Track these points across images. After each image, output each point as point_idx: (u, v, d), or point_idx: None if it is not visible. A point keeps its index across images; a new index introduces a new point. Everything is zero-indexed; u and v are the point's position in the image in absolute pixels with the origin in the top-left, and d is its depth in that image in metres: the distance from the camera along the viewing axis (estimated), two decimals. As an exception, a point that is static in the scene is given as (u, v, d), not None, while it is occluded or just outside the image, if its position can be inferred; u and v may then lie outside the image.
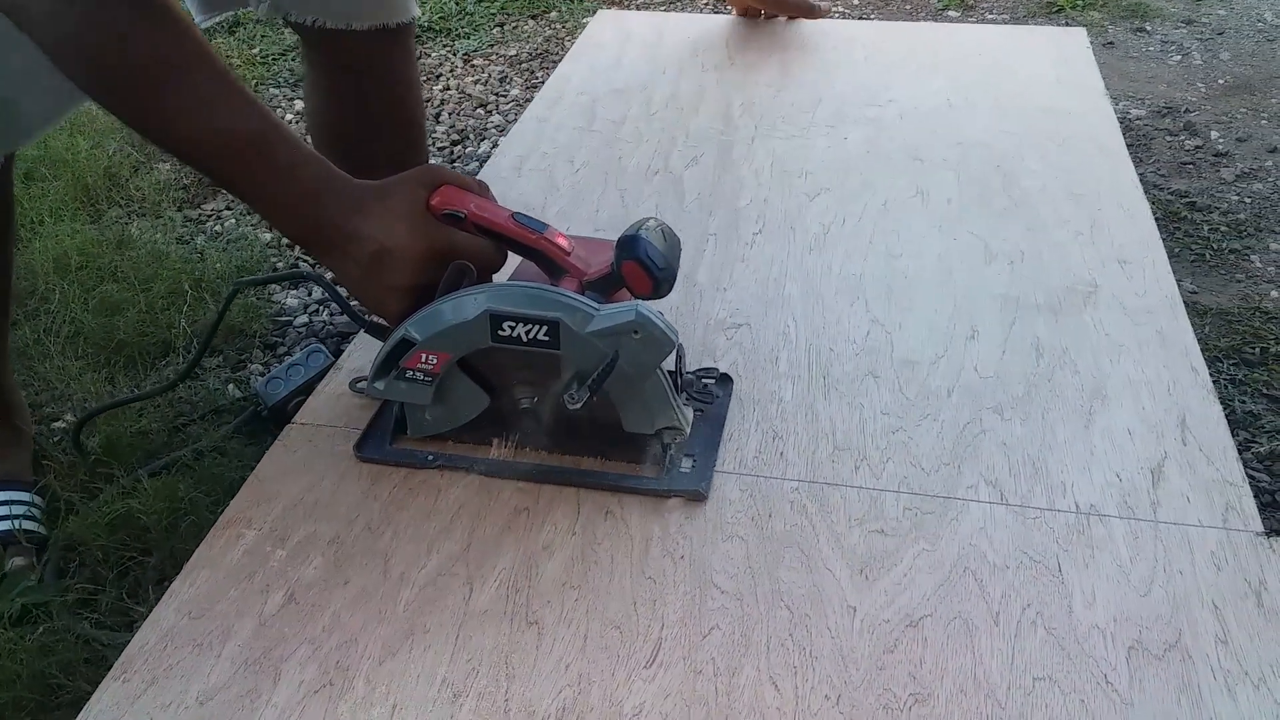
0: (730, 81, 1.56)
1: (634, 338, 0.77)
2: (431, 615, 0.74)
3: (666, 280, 0.80)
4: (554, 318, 0.78)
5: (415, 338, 0.81)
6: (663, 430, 0.84)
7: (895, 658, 0.71)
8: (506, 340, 0.79)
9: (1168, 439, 0.89)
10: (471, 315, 0.79)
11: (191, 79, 0.79)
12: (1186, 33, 2.61)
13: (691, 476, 0.85)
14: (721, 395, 0.93)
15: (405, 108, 1.40)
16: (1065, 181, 1.27)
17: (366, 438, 0.89)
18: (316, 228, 0.83)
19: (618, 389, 0.81)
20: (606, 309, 0.78)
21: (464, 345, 0.81)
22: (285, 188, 0.82)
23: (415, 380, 0.83)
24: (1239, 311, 1.68)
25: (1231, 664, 0.71)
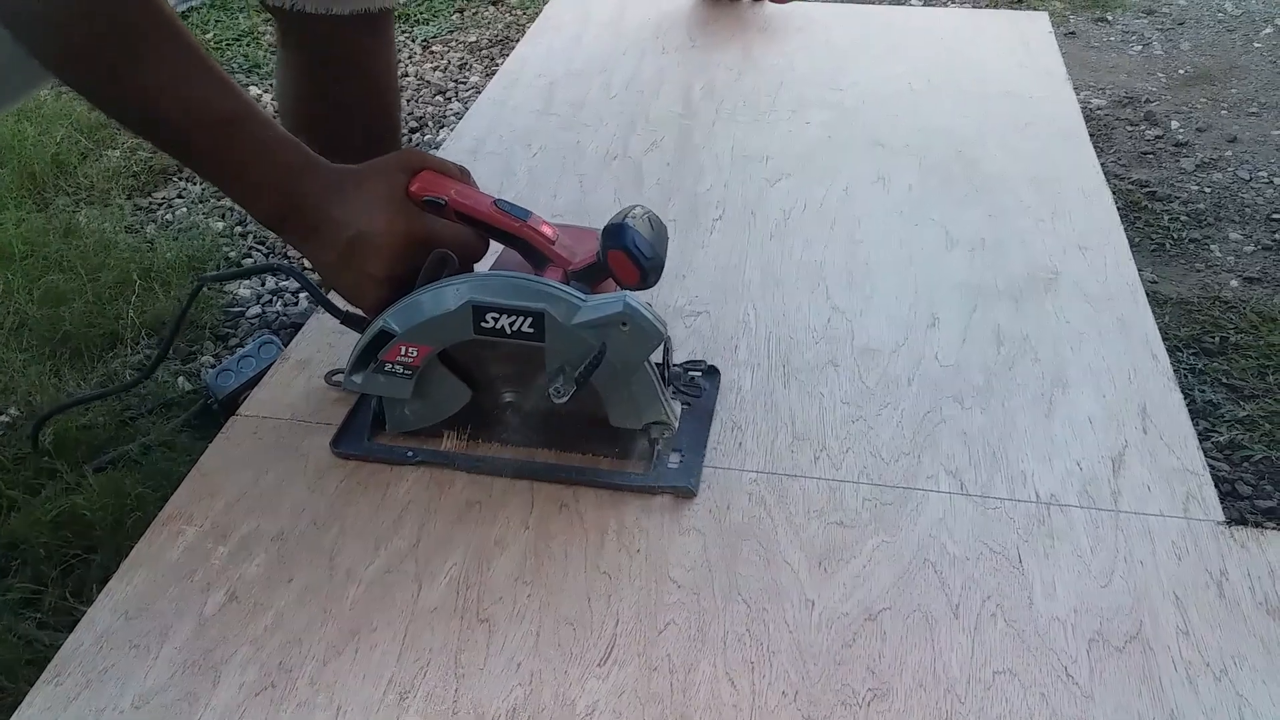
0: (691, 64, 1.54)
1: (622, 330, 0.75)
2: (379, 613, 0.71)
3: (654, 270, 0.77)
4: (539, 309, 0.75)
5: (394, 329, 0.78)
6: (650, 425, 0.82)
7: (854, 652, 0.70)
8: (490, 332, 0.77)
9: (1128, 427, 0.88)
10: (453, 306, 0.76)
11: (163, 54, 0.76)
12: (1147, 23, 2.62)
13: (679, 472, 0.83)
14: (708, 388, 0.91)
15: (381, 96, 1.37)
16: (1026, 167, 1.26)
17: (343, 433, 0.86)
18: (291, 211, 0.80)
19: (604, 383, 0.79)
20: (593, 300, 0.76)
21: (445, 337, 0.78)
22: (259, 169, 0.79)
23: (394, 374, 0.80)
24: (1199, 301, 1.68)
25: (1193, 655, 0.70)
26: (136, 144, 2.00)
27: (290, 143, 0.81)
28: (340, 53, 1.30)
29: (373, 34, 1.32)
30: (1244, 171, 2.01)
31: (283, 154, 0.80)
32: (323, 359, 0.95)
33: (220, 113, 0.77)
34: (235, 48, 2.48)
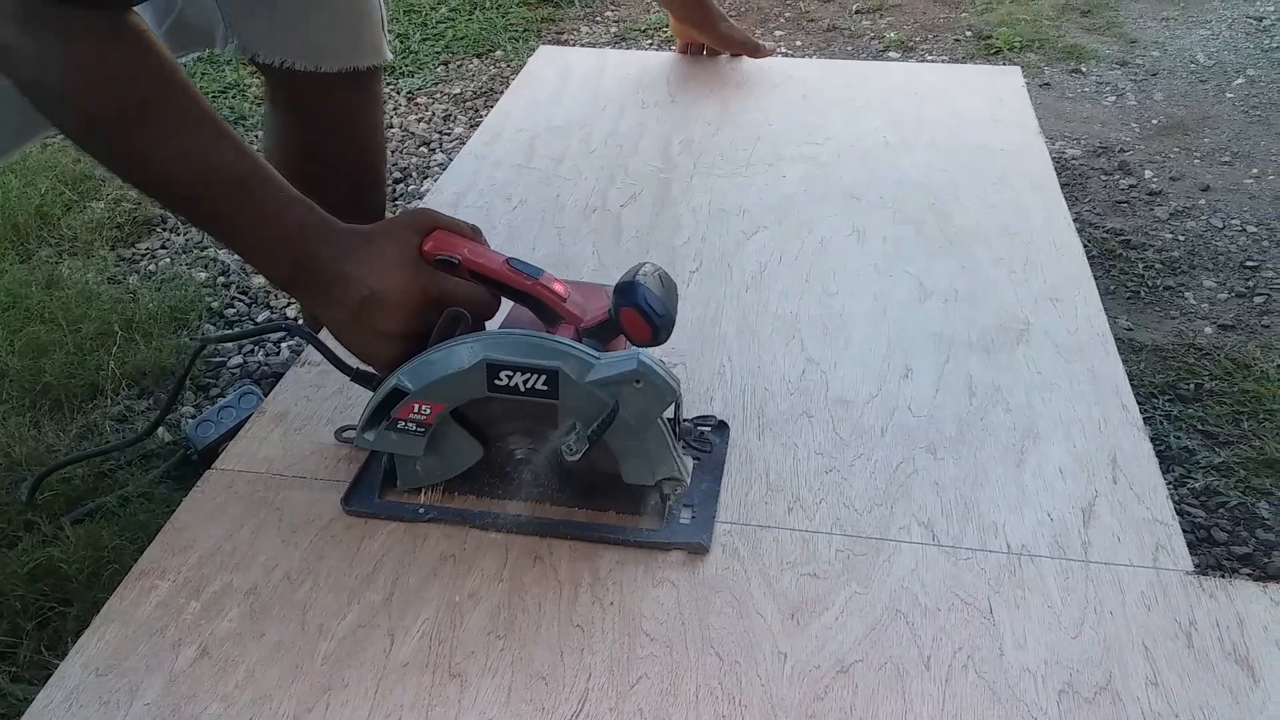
0: (670, 119, 1.56)
1: (635, 387, 0.75)
2: (350, 669, 0.71)
3: (665, 327, 0.78)
4: (553, 367, 0.76)
5: (408, 387, 0.78)
6: (663, 481, 0.82)
7: (825, 705, 0.70)
8: (503, 390, 0.77)
9: (1099, 478, 0.89)
10: (468, 364, 0.76)
11: (177, 121, 0.78)
12: (1121, 74, 2.67)
13: (692, 528, 0.83)
14: (718, 443, 0.91)
15: (367, 153, 1.39)
16: (999, 219, 1.28)
17: (354, 490, 0.86)
18: (304, 271, 0.81)
19: (618, 439, 0.79)
20: (607, 358, 0.76)
21: (459, 395, 0.78)
22: (271, 230, 0.80)
23: (407, 431, 0.80)
24: (1173, 348, 1.70)
25: (1162, 706, 0.70)
26: (120, 195, 2.02)
27: (302, 203, 0.82)
28: (328, 110, 1.31)
29: (360, 91, 1.33)
30: (1217, 219, 2.04)
31: (295, 214, 0.81)
32: (300, 412, 0.95)
33: (233, 175, 0.79)
34: (221, 100, 2.50)
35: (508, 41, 2.83)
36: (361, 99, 1.35)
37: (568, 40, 2.85)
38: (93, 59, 0.74)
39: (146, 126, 0.76)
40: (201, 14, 1.21)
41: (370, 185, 1.40)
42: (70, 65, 0.74)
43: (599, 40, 2.85)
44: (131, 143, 0.77)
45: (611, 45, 2.82)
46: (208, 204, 0.80)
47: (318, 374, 1.00)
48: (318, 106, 1.31)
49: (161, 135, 0.77)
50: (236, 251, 0.85)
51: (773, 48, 1.68)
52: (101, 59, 0.75)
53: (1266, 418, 1.57)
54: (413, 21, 2.93)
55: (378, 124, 1.41)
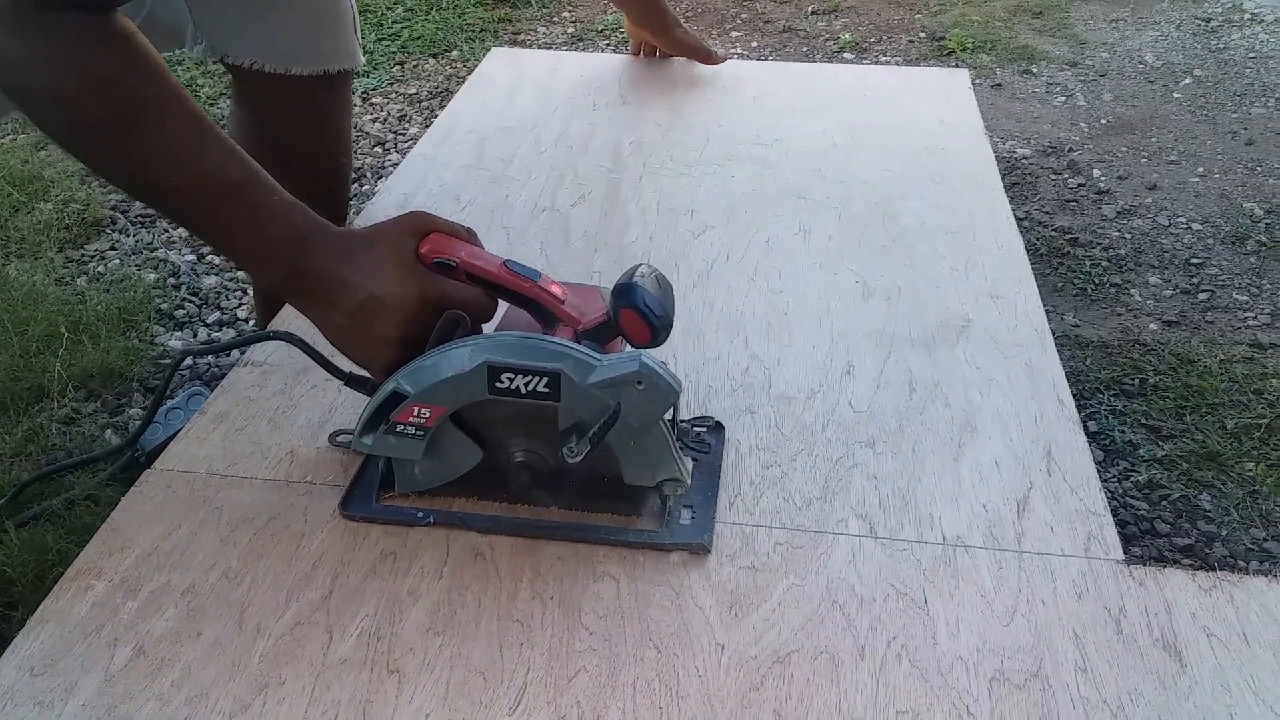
0: (621, 120, 1.57)
1: (637, 388, 0.76)
2: (288, 666, 0.71)
3: (664, 328, 0.78)
4: (555, 369, 0.76)
5: (408, 390, 0.78)
6: (664, 482, 0.82)
7: (761, 695, 0.71)
8: (504, 392, 0.77)
9: (1034, 470, 0.91)
10: (468, 367, 0.76)
11: (169, 125, 0.77)
12: (1071, 74, 2.70)
13: (692, 529, 0.83)
14: (715, 444, 0.92)
15: (333, 157, 1.38)
16: (943, 219, 1.30)
17: (351, 495, 0.85)
18: (299, 276, 0.80)
19: (619, 441, 0.79)
20: (608, 359, 0.76)
21: (459, 398, 0.78)
22: (266, 235, 0.80)
23: (406, 435, 0.80)
24: (1119, 344, 1.73)
25: (1090, 692, 0.72)
26: (69, 196, 2.00)
27: (297, 208, 0.81)
28: (296, 112, 1.31)
29: (330, 95, 1.33)
30: (1163, 218, 2.07)
31: (290, 219, 0.80)
32: (241, 412, 0.95)
33: (227, 179, 0.78)
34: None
35: (464, 42, 2.82)
36: (330, 103, 1.35)
37: (524, 41, 2.85)
38: (84, 61, 0.74)
39: (139, 130, 0.76)
40: (171, 13, 1.20)
41: (334, 190, 1.40)
42: (61, 68, 0.73)
43: (556, 41, 2.85)
44: (124, 147, 0.76)
45: (568, 46, 2.82)
46: (200, 208, 0.79)
47: (260, 374, 1.00)
48: (286, 109, 1.30)
49: (154, 139, 0.76)
50: (230, 257, 0.84)
51: (725, 55, 1.69)
52: (93, 61, 0.74)
53: (1209, 412, 1.60)
54: (368, 21, 2.92)
55: (345, 129, 1.40)
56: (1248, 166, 2.29)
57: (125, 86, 0.75)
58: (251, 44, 1.23)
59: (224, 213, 0.79)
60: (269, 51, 1.24)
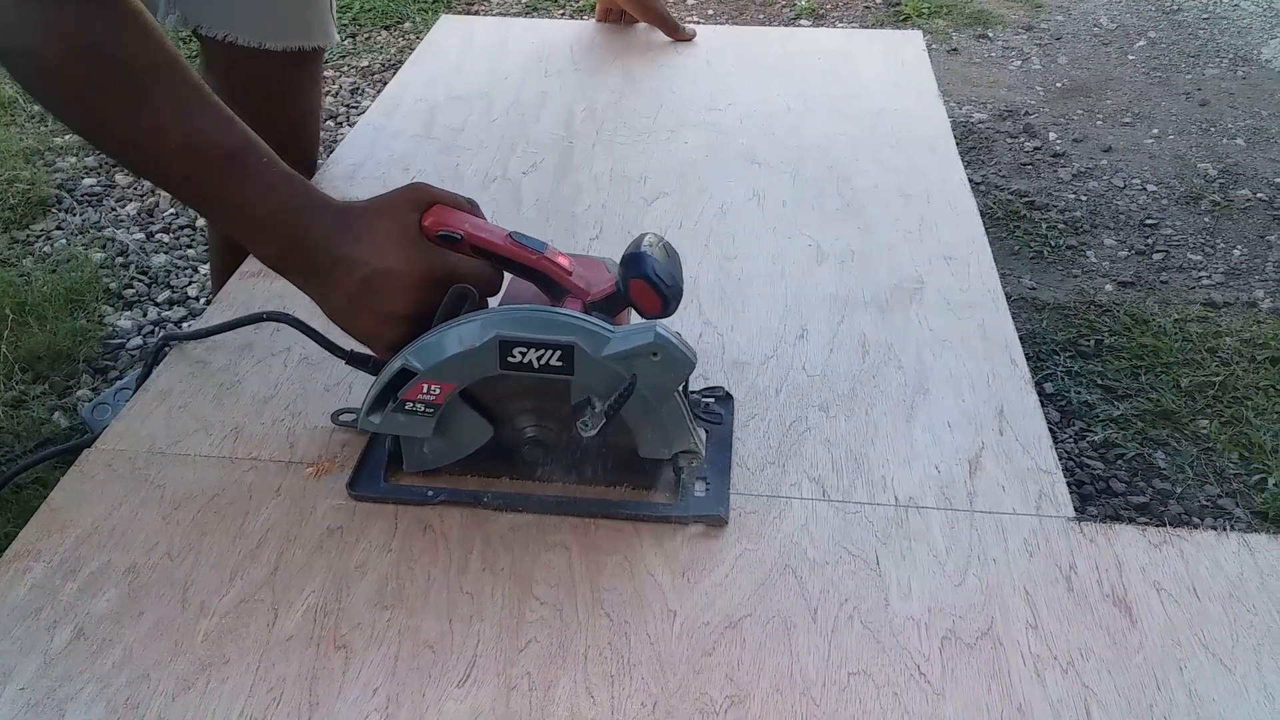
0: (573, 87, 1.55)
1: (653, 360, 0.74)
2: (232, 645, 0.70)
3: (675, 297, 0.76)
4: (569, 342, 0.74)
5: (416, 367, 0.76)
6: (679, 454, 0.80)
7: (713, 660, 0.70)
8: (516, 367, 0.75)
9: (986, 430, 0.91)
10: (479, 342, 0.74)
11: (164, 90, 0.74)
12: (1026, 38, 2.71)
13: (708, 501, 0.82)
14: (725, 415, 0.91)
15: (301, 134, 1.36)
16: (896, 181, 1.29)
17: (359, 474, 0.83)
18: (299, 250, 0.77)
19: (634, 413, 0.77)
20: (621, 331, 0.75)
21: (470, 374, 0.76)
22: (263, 205, 0.77)
23: (416, 412, 0.78)
24: (1075, 305, 1.74)
25: (1041, 649, 0.72)
26: (13, 176, 1.96)
27: (296, 179, 0.79)
28: (266, 88, 1.28)
29: (301, 72, 1.31)
30: (1118, 179, 2.09)
31: (288, 190, 0.78)
32: (184, 389, 0.93)
33: (223, 148, 0.75)
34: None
35: (416, 13, 2.79)
36: (301, 80, 1.32)
37: (479, 10, 2.82)
38: (69, 26, 0.71)
39: (129, 97, 0.73)
40: None
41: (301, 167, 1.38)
42: (54, 30, 0.71)
43: (510, 10, 2.82)
44: (114, 114, 0.74)
45: (524, 15, 2.79)
46: (196, 178, 0.76)
47: (204, 349, 0.98)
48: (256, 84, 1.27)
49: (146, 106, 0.73)
50: (225, 229, 0.81)
51: (693, 31, 1.67)
52: (87, 23, 0.71)
53: (1163, 371, 1.61)
54: (319, -6, 2.87)
55: (315, 107, 1.38)
56: (1201, 127, 2.30)
57: (119, 51, 0.73)
58: (225, 16, 1.21)
59: (220, 183, 0.76)
60: (243, 25, 1.21)
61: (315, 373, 0.95)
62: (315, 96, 1.37)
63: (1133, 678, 0.70)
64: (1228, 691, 0.70)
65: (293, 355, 0.97)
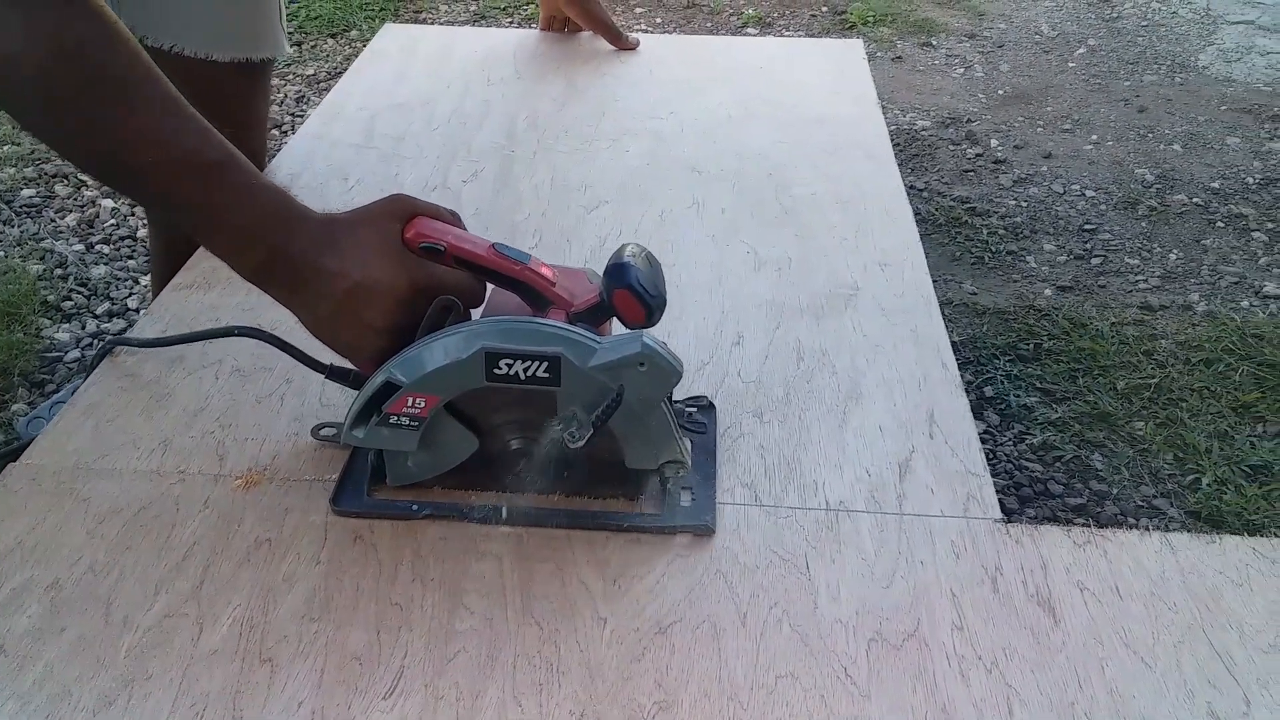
0: (516, 96, 1.55)
1: (640, 370, 0.74)
2: (155, 660, 0.69)
3: (659, 307, 0.76)
4: (555, 353, 0.73)
5: (401, 380, 0.75)
6: (665, 464, 0.80)
7: (642, 666, 0.71)
8: (503, 379, 0.74)
9: (916, 434, 0.92)
10: (465, 354, 0.74)
11: (145, 101, 0.73)
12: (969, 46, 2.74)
13: (694, 510, 0.82)
14: (708, 423, 0.91)
15: (249, 145, 1.34)
16: (834, 189, 1.30)
17: (341, 489, 0.83)
18: (279, 263, 0.76)
19: (621, 424, 0.77)
20: (608, 341, 0.74)
21: (455, 386, 0.76)
22: (243, 218, 0.76)
23: (400, 426, 0.77)
24: (1015, 310, 1.76)
25: (966, 649, 0.73)
26: (-52, 187, 1.92)
27: (276, 191, 0.78)
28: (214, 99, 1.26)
29: (250, 83, 1.29)
30: (1058, 185, 2.12)
31: (268, 202, 0.77)
32: (113, 403, 0.92)
33: (204, 159, 0.74)
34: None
35: (363, 21, 2.77)
36: (249, 91, 1.31)
37: (426, 19, 2.81)
38: (54, 30, 0.70)
39: (112, 106, 0.72)
40: None
41: None
42: (34, 37, 0.69)
43: (458, 19, 2.81)
44: (95, 123, 0.72)
45: (471, 24, 2.78)
46: (174, 190, 0.75)
47: (134, 362, 0.97)
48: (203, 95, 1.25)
49: (130, 116, 0.72)
50: (204, 243, 0.79)
51: (636, 40, 1.68)
52: (64, 31, 0.70)
53: (1100, 374, 1.64)
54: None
55: (263, 119, 1.36)
56: (1139, 133, 2.35)
57: (98, 59, 0.71)
58: (172, 27, 1.20)
59: (199, 195, 0.75)
60: (190, 36, 1.20)
61: (247, 385, 0.94)
62: (263, 107, 1.36)
63: (1055, 676, 0.71)
64: (1148, 688, 0.71)
65: (224, 367, 0.96)
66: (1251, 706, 0.70)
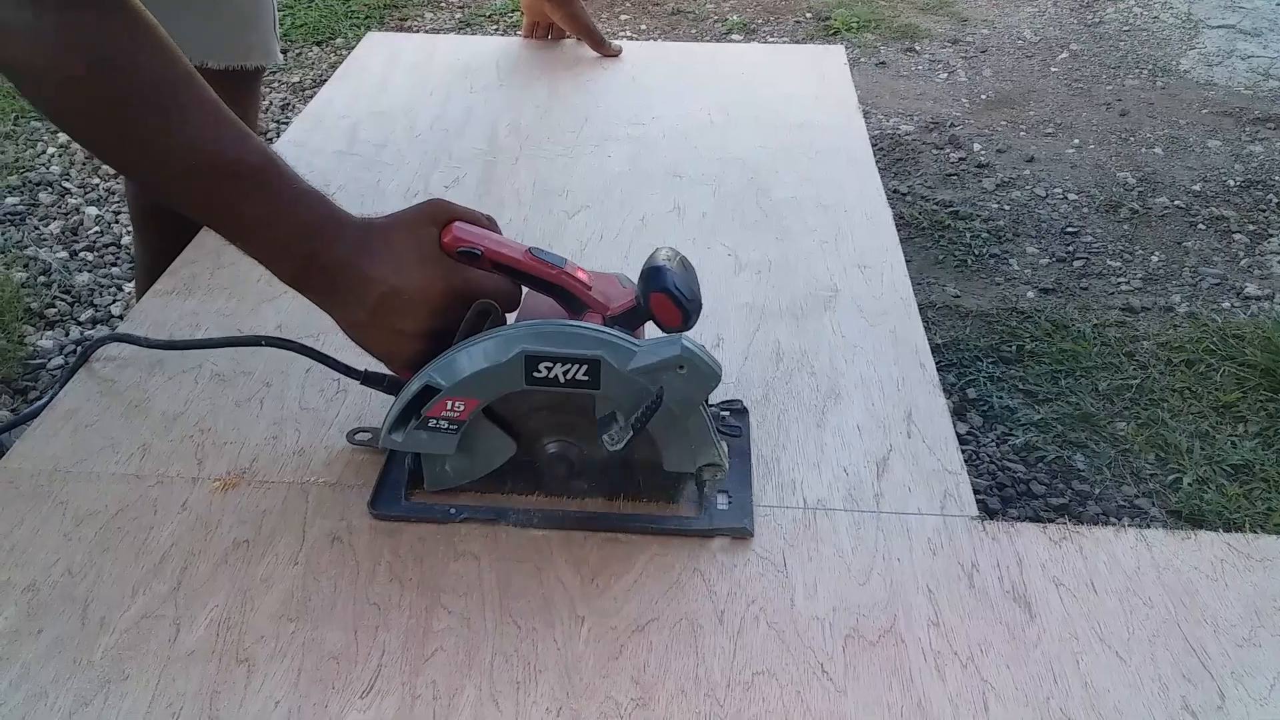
0: (498, 103, 1.56)
1: (679, 373, 0.74)
2: (132, 661, 0.70)
3: (696, 310, 0.77)
4: (595, 356, 0.73)
5: (440, 384, 0.75)
6: (703, 468, 0.81)
7: (619, 664, 0.71)
8: (542, 382, 0.75)
9: (894, 433, 0.92)
10: (505, 358, 0.74)
11: (188, 107, 0.73)
12: (953, 51, 2.76)
13: (732, 514, 0.82)
14: (742, 427, 0.91)
15: None
16: (815, 192, 1.31)
17: (379, 494, 0.83)
18: (316, 268, 0.76)
19: (659, 427, 0.77)
20: (647, 344, 0.75)
21: (495, 389, 0.76)
22: (283, 223, 0.76)
23: (439, 429, 0.77)
24: (998, 312, 1.77)
25: (942, 645, 0.73)
26: (-69, 196, 1.92)
27: (315, 196, 0.78)
28: None
29: (242, 91, 1.29)
30: (1040, 189, 2.13)
31: (308, 207, 0.77)
32: (92, 408, 0.92)
33: (246, 165, 0.74)
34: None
35: (349, 29, 2.78)
36: (241, 100, 1.31)
37: (411, 27, 2.81)
38: (96, 38, 0.70)
39: (154, 112, 0.72)
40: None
41: None
42: (71, 45, 0.69)
43: (443, 27, 2.82)
44: (138, 130, 0.72)
45: (456, 31, 2.79)
46: (214, 195, 0.75)
47: (114, 368, 0.97)
48: None
49: (171, 122, 0.73)
50: (241, 245, 0.78)
51: (619, 47, 1.69)
52: (106, 38, 0.70)
53: (1083, 375, 1.65)
54: (250, 11, 2.85)
55: (253, 125, 1.36)
56: (1121, 136, 2.36)
57: (138, 67, 0.72)
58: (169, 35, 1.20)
59: (239, 199, 0.75)
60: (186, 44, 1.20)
61: (226, 389, 0.95)
62: (253, 114, 1.36)
63: (1030, 671, 0.72)
64: (1123, 682, 0.71)
65: (204, 372, 0.97)
66: (1226, 700, 0.70)
